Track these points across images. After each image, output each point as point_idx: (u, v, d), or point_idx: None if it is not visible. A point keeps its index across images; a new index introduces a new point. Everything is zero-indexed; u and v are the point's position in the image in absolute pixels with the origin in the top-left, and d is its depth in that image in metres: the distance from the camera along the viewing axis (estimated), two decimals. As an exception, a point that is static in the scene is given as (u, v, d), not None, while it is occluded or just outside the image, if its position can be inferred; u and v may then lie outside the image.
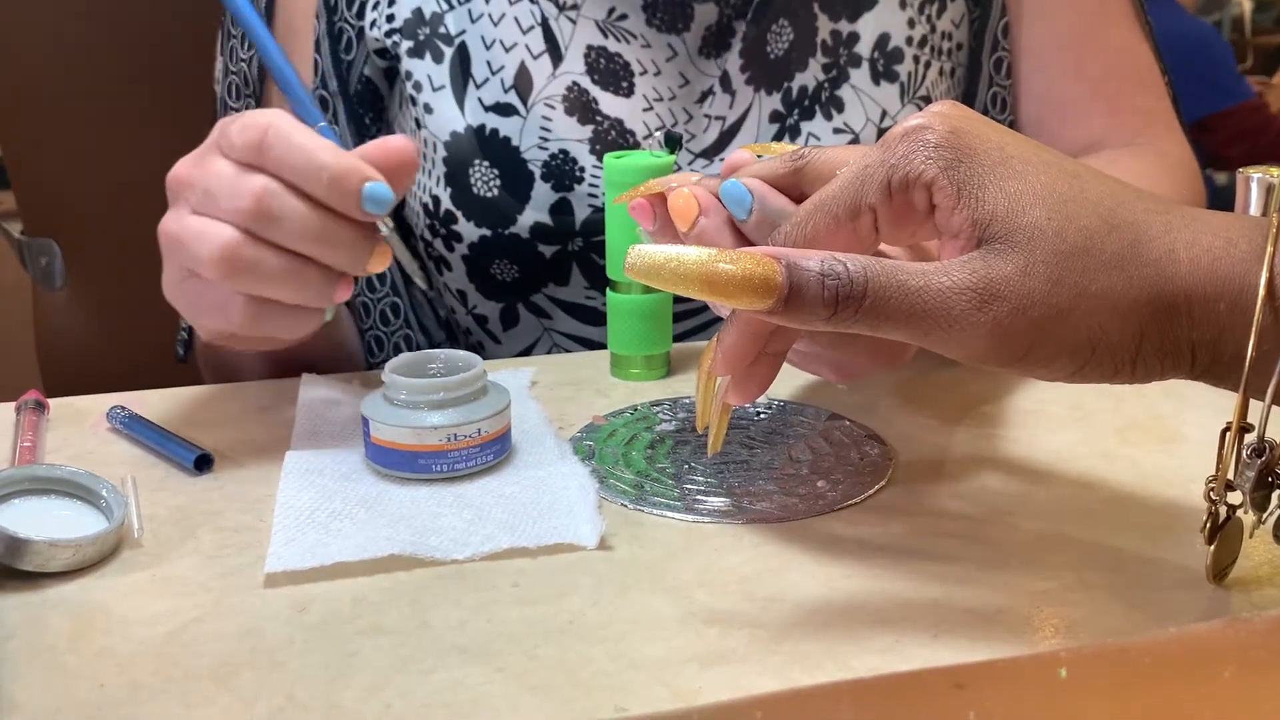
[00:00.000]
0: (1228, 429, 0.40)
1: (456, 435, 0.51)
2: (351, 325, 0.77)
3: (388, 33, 0.75)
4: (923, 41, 0.76)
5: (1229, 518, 0.41)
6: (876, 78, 0.75)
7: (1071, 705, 0.30)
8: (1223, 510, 0.41)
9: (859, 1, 0.75)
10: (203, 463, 0.54)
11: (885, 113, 0.75)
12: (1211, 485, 0.41)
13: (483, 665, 0.39)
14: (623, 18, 0.74)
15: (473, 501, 0.50)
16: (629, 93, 0.74)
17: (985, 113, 0.79)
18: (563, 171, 0.73)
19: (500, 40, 0.74)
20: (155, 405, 0.62)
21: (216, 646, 0.40)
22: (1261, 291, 0.38)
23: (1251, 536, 0.42)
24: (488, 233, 0.73)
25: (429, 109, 0.74)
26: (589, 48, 0.74)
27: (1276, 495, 0.40)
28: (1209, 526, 0.42)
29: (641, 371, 0.66)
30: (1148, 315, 0.39)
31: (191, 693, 0.38)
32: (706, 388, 0.49)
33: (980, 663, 0.31)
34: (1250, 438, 0.40)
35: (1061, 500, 0.50)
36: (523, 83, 0.73)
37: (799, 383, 0.64)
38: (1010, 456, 0.55)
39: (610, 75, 0.74)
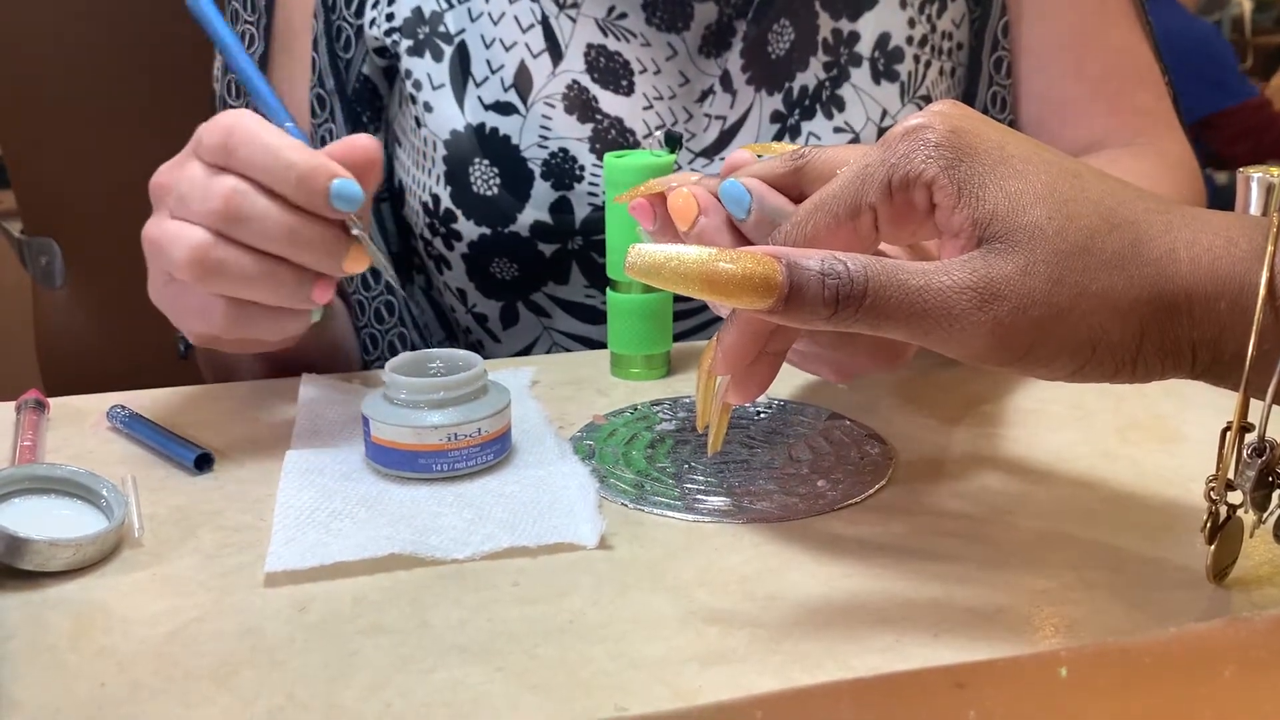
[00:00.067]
0: (1228, 428, 0.40)
1: (457, 434, 0.51)
2: (348, 323, 0.77)
3: (387, 31, 0.75)
4: (923, 41, 0.76)
5: (1229, 517, 0.41)
6: (877, 77, 0.75)
7: (1072, 705, 0.30)
8: (1223, 510, 0.41)
9: (859, 1, 0.75)
10: (203, 462, 0.54)
11: (885, 112, 0.75)
12: (1212, 485, 0.41)
13: (483, 664, 0.39)
14: (622, 16, 0.74)
15: (473, 501, 0.50)
16: (629, 91, 0.74)
17: (985, 112, 0.78)
18: (562, 170, 0.73)
19: (500, 39, 0.74)
20: (155, 405, 0.62)
21: (217, 646, 0.40)
22: (1262, 291, 0.38)
23: (1252, 536, 0.42)
24: (487, 231, 0.73)
25: (429, 108, 0.74)
26: (589, 46, 0.74)
27: (1277, 495, 0.40)
28: (1209, 526, 0.42)
29: (642, 371, 0.66)
30: (1148, 314, 0.39)
31: (192, 692, 0.38)
32: (707, 387, 0.49)
33: (980, 662, 0.31)
34: (1251, 437, 0.40)
35: (1062, 500, 0.50)
36: (522, 81, 0.73)
37: (799, 382, 0.64)
38: (1011, 456, 0.55)
39: (610, 74, 0.74)
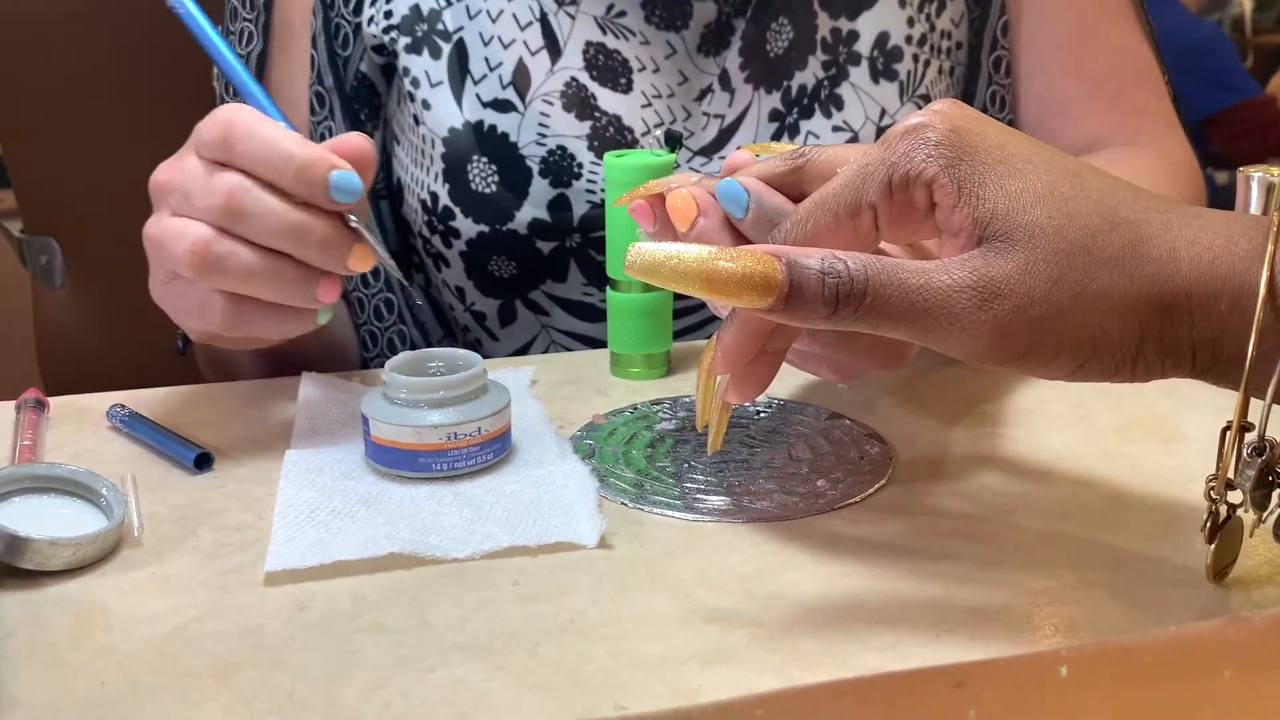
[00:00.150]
0: (1228, 428, 0.40)
1: (456, 434, 0.51)
2: (347, 320, 0.77)
3: (385, 29, 0.75)
4: (922, 40, 0.76)
5: (1229, 517, 0.41)
6: (876, 76, 0.75)
7: (1072, 704, 0.30)
8: (1223, 509, 0.41)
9: (858, 0, 0.75)
10: (203, 461, 0.54)
11: (884, 111, 0.75)
12: (1212, 484, 0.41)
13: (483, 663, 0.39)
14: (621, 14, 0.74)
15: (473, 500, 0.50)
16: (627, 89, 0.74)
17: (984, 111, 0.79)
18: (561, 167, 0.73)
19: (498, 36, 0.74)
20: (155, 404, 0.62)
21: (217, 645, 0.40)
22: (1262, 290, 0.38)
23: (1252, 535, 0.42)
24: (485, 229, 0.73)
25: (427, 105, 0.74)
26: (587, 44, 0.74)
27: (1277, 494, 0.40)
28: (1209, 525, 0.42)
29: (641, 370, 0.66)
30: (1148, 314, 0.39)
31: (192, 691, 0.38)
32: (706, 386, 0.49)
33: (980, 661, 0.31)
34: (1251, 436, 0.40)
35: (1062, 499, 0.50)
36: (521, 79, 0.73)
37: (799, 381, 0.64)
38: (1010, 455, 0.55)
39: (609, 72, 0.74)
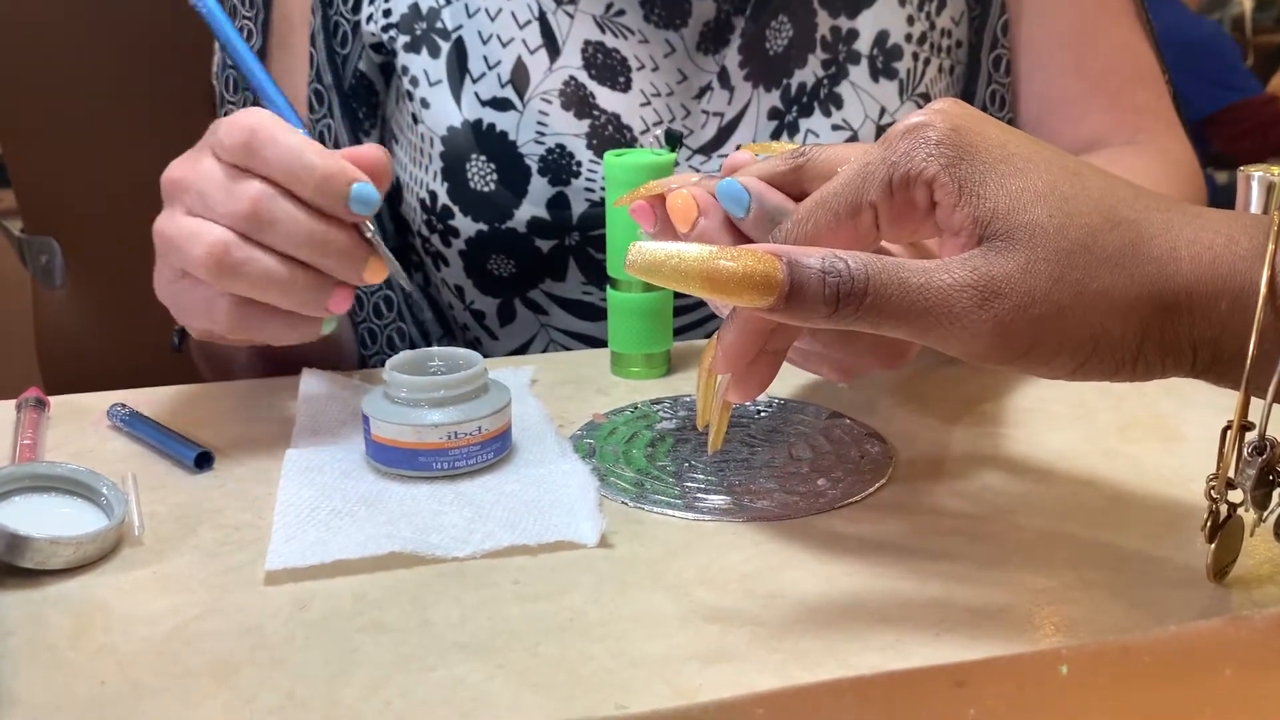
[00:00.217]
0: (1229, 427, 0.40)
1: (457, 433, 0.51)
2: (347, 319, 0.77)
3: (384, 27, 0.75)
4: (922, 39, 0.76)
5: (1230, 516, 0.41)
6: (875, 75, 0.75)
7: (1072, 703, 0.30)
8: (1223, 508, 0.41)
9: None
10: (203, 460, 0.54)
11: (884, 110, 0.75)
12: (1212, 483, 0.41)
13: (483, 662, 0.39)
14: (620, 13, 0.74)
15: (473, 499, 0.50)
16: (626, 88, 0.74)
17: (984, 110, 0.79)
18: (560, 166, 0.73)
19: (497, 35, 0.74)
20: (155, 403, 0.62)
21: (217, 644, 0.40)
22: (1263, 290, 0.38)
23: (1252, 535, 0.42)
24: (484, 227, 0.73)
25: (425, 104, 0.74)
26: (586, 42, 0.74)
27: (1277, 493, 0.40)
28: (1210, 525, 0.42)
29: (642, 370, 0.66)
30: (1148, 313, 0.39)
31: (192, 690, 0.38)
32: (707, 386, 0.49)
33: (981, 660, 0.31)
34: (1251, 436, 0.40)
35: (1062, 498, 0.50)
36: (519, 77, 0.73)
37: (799, 381, 0.64)
38: (1011, 455, 0.55)
39: (608, 70, 0.74)
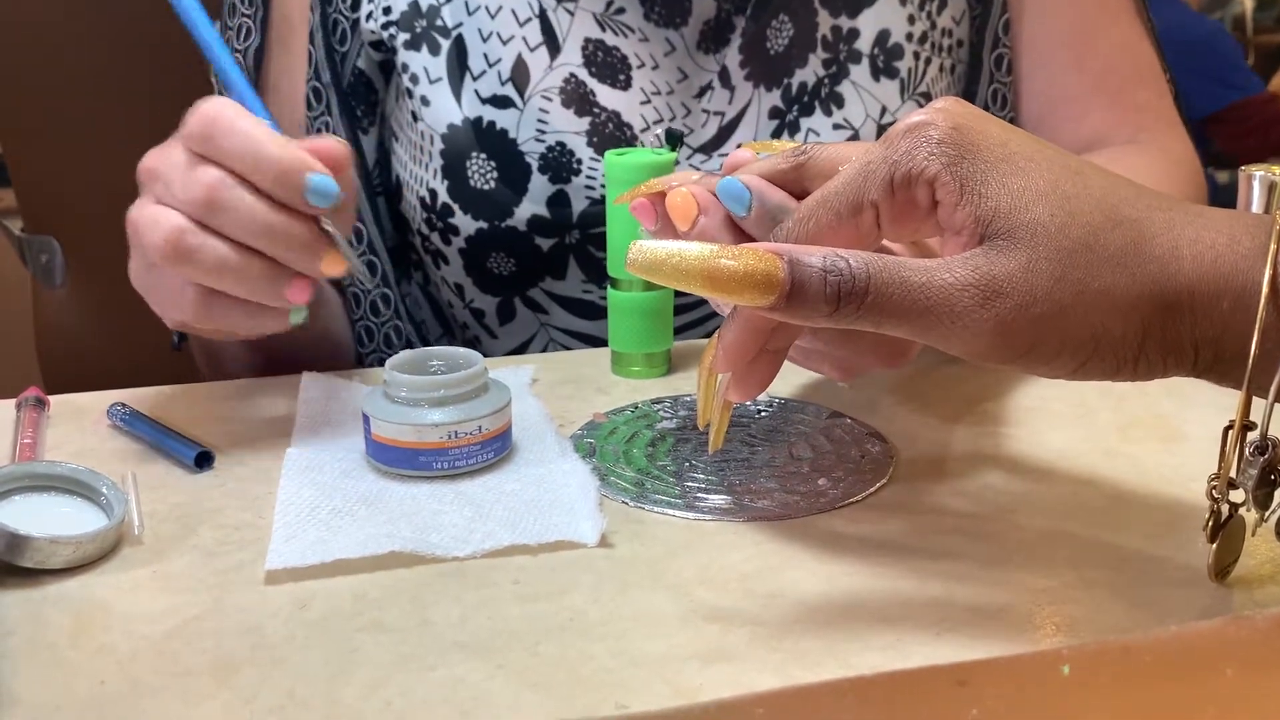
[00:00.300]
0: (1230, 427, 0.40)
1: (457, 432, 0.51)
2: (341, 312, 0.77)
3: (384, 25, 0.75)
4: (923, 38, 0.76)
5: (1231, 516, 0.41)
6: (876, 74, 0.75)
7: (1074, 703, 0.29)
8: (1225, 508, 0.41)
9: None
10: (203, 460, 0.54)
11: (885, 109, 0.75)
12: (1214, 483, 0.41)
13: (484, 662, 0.39)
14: (620, 11, 0.74)
15: (473, 499, 0.50)
16: (626, 85, 0.74)
17: (986, 109, 0.79)
18: (560, 164, 0.73)
19: (497, 32, 0.74)
20: (155, 402, 0.62)
21: (217, 643, 0.40)
22: (1265, 289, 0.38)
23: (1254, 534, 0.42)
24: (484, 226, 0.73)
25: (426, 101, 0.74)
26: (587, 40, 0.74)
27: (1279, 493, 0.40)
28: (1211, 524, 0.41)
29: (642, 369, 0.66)
30: (1150, 312, 0.39)
31: (192, 690, 0.38)
32: (708, 385, 0.49)
33: (982, 660, 0.31)
34: (1253, 435, 0.40)
35: (1063, 498, 0.50)
36: (520, 75, 0.73)
37: (800, 380, 0.64)
38: (1012, 454, 0.55)
39: (608, 68, 0.74)
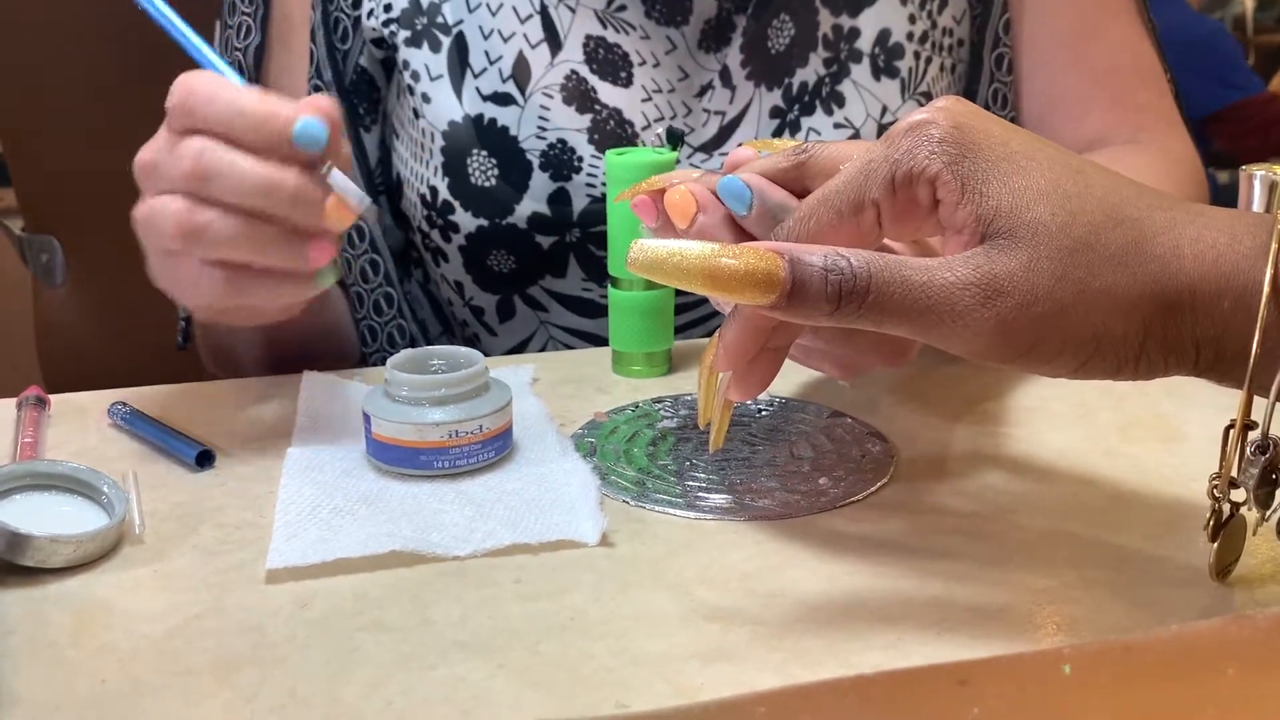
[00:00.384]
0: (1231, 426, 0.40)
1: (458, 432, 0.51)
2: (345, 308, 0.77)
3: (385, 23, 0.75)
4: (923, 37, 0.76)
5: (1232, 515, 0.41)
6: (877, 73, 0.75)
7: (1074, 702, 0.29)
8: (1226, 507, 0.41)
9: None
10: (204, 459, 0.54)
11: (886, 108, 0.75)
12: (1215, 482, 0.41)
13: (484, 661, 0.39)
14: (621, 8, 0.74)
15: (474, 498, 0.50)
16: (627, 83, 0.74)
17: (987, 109, 0.79)
18: (561, 161, 0.73)
19: (498, 30, 0.74)
20: (156, 401, 0.62)
21: (218, 642, 0.40)
22: (1266, 288, 0.38)
23: (1255, 534, 0.42)
24: (485, 223, 0.73)
25: (426, 99, 0.74)
26: (588, 37, 0.74)
27: (1280, 492, 0.40)
28: (1212, 524, 0.41)
29: (643, 368, 0.66)
30: (1151, 311, 0.39)
31: (193, 688, 0.38)
32: (708, 384, 0.49)
33: (983, 659, 0.31)
34: (1254, 435, 0.40)
35: (1064, 498, 0.50)
36: (521, 72, 0.73)
37: (801, 380, 0.64)
38: (1012, 454, 0.55)
39: (609, 65, 0.74)
